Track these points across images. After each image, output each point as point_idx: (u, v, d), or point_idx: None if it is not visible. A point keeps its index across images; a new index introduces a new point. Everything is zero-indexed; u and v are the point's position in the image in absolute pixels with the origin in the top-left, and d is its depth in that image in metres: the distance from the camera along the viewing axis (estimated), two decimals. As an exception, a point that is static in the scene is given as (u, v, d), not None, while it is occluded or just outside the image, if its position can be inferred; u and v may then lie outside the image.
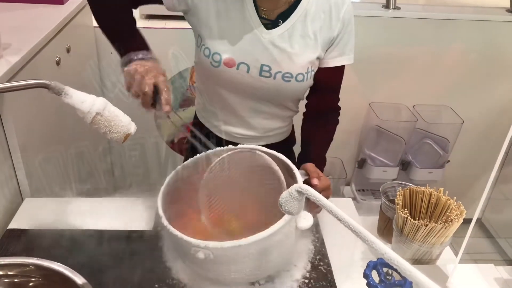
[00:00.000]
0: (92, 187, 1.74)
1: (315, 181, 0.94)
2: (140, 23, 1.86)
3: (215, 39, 1.02)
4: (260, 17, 1.01)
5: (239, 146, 0.99)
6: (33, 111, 1.20)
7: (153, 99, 0.89)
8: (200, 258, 0.77)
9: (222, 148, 1.00)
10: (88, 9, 1.69)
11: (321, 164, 1.12)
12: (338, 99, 1.17)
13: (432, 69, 2.03)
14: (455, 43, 1.98)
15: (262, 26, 1.01)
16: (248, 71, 1.03)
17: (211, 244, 0.76)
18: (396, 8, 1.95)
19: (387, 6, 1.95)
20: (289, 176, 0.89)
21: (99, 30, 1.78)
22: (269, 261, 0.83)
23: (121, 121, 0.80)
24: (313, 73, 1.08)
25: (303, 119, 1.19)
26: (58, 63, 1.35)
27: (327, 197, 0.94)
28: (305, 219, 0.80)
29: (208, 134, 1.19)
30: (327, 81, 1.11)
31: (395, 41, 1.96)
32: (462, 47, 1.99)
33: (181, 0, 1.01)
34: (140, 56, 0.93)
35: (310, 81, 1.08)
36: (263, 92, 1.07)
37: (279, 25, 1.02)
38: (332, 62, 1.08)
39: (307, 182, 0.94)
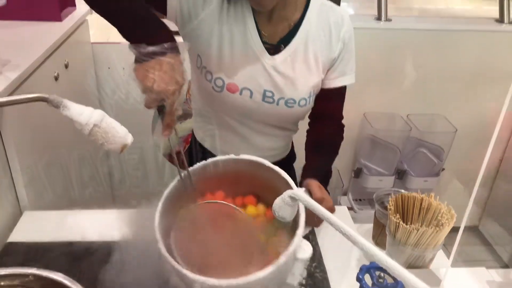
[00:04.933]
0: (91, 199, 1.75)
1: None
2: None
3: (217, 63, 0.99)
4: (262, 42, 0.99)
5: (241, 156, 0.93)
6: (32, 125, 1.21)
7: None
8: None
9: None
10: (86, 25, 1.73)
11: (325, 176, 1.11)
12: (342, 117, 1.15)
13: (425, 78, 2.06)
14: (446, 53, 2.01)
15: (265, 51, 0.99)
16: (251, 97, 1.01)
17: (217, 282, 0.69)
18: (388, 20, 1.99)
19: (379, 18, 1.99)
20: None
21: (96, 46, 1.83)
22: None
23: (118, 132, 0.81)
24: (314, 96, 1.07)
25: (307, 136, 1.16)
26: (56, 78, 1.37)
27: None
28: (305, 250, 0.77)
29: (207, 154, 1.17)
30: (328, 102, 1.10)
31: (388, 52, 1.99)
32: (453, 57, 2.03)
33: (186, 16, 0.98)
34: (153, 50, 0.75)
35: (311, 104, 1.07)
36: (265, 117, 1.06)
37: (281, 50, 1.00)
38: (334, 82, 1.07)
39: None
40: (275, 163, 1.13)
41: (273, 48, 1.00)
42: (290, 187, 0.82)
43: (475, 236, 2.44)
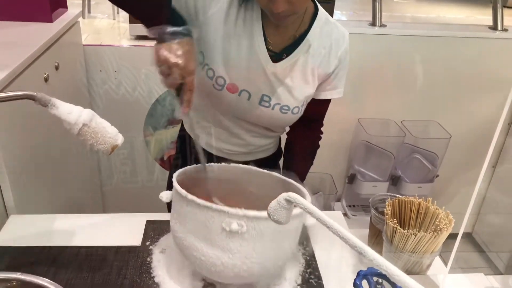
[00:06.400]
0: (80, 197, 1.72)
1: None
2: (130, 43, 1.88)
3: (221, 63, 1.01)
4: (267, 49, 1.02)
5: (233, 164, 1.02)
6: (19, 126, 1.19)
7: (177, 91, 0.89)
8: (233, 230, 0.76)
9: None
10: (77, 27, 1.70)
11: (299, 177, 1.13)
12: (322, 125, 1.21)
13: (419, 84, 2.06)
14: (440, 60, 2.02)
15: (269, 58, 1.02)
16: (249, 99, 1.05)
17: (250, 212, 0.76)
18: (382, 25, 1.99)
19: (373, 23, 1.99)
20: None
21: (88, 48, 1.81)
22: (283, 249, 0.84)
23: (108, 132, 0.80)
24: (306, 105, 1.11)
25: (287, 138, 1.23)
26: (46, 79, 1.35)
27: None
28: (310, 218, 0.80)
29: (195, 148, 1.19)
30: (313, 111, 1.14)
31: (382, 57, 1.99)
32: (447, 63, 2.03)
33: (192, 11, 0.98)
34: (176, 30, 0.84)
35: (302, 112, 1.11)
36: (258, 119, 1.09)
37: (283, 58, 1.03)
38: (324, 95, 1.12)
39: None
40: (263, 159, 1.21)
41: (276, 56, 1.03)
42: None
43: (469, 242, 2.44)
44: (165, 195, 0.91)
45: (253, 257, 0.80)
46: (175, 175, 0.88)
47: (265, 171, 1.01)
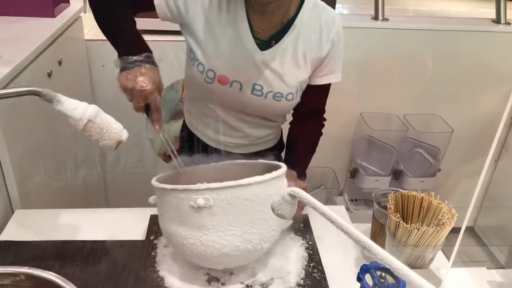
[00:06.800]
0: (84, 197, 1.73)
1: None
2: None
3: (209, 56, 1.03)
4: (254, 38, 1.02)
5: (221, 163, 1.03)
6: (23, 121, 1.19)
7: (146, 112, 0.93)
8: (200, 205, 0.77)
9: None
10: (80, 22, 1.70)
11: (302, 168, 1.16)
12: (324, 111, 1.20)
13: (421, 79, 2.06)
14: (443, 53, 2.01)
15: (256, 47, 1.02)
16: (240, 89, 1.05)
17: (212, 184, 0.78)
18: (385, 19, 1.98)
19: (376, 17, 1.99)
20: None
21: (90, 43, 1.81)
22: (262, 218, 0.83)
23: (113, 128, 0.80)
24: (301, 91, 1.10)
25: (289, 128, 1.23)
26: (49, 75, 1.35)
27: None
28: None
29: (198, 142, 1.20)
30: (313, 98, 1.14)
31: (385, 51, 1.99)
32: (450, 57, 2.02)
33: (175, 11, 1.01)
34: (135, 59, 0.91)
35: (298, 99, 1.11)
36: (253, 109, 1.09)
37: (272, 46, 1.03)
38: (321, 80, 1.11)
39: None
40: (263, 152, 1.21)
41: (264, 44, 1.03)
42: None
43: (471, 236, 2.44)
44: (153, 200, 0.93)
45: (228, 229, 0.81)
46: (154, 179, 0.91)
47: (248, 161, 1.01)
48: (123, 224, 1.06)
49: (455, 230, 0.89)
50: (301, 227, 1.08)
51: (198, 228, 0.82)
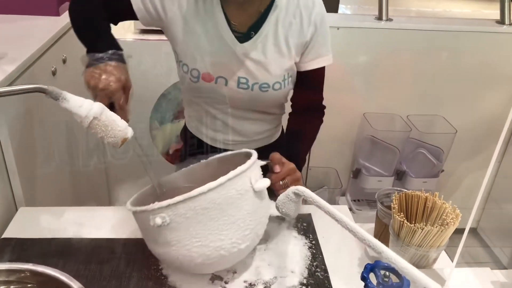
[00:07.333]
0: (87, 195, 1.73)
1: (276, 168, 0.95)
2: (135, 37, 1.88)
3: (191, 55, 1.03)
4: (232, 31, 1.02)
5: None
6: (28, 119, 1.19)
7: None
8: (159, 224, 0.75)
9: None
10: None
11: (300, 160, 1.14)
12: (322, 98, 1.17)
13: (425, 79, 2.05)
14: (447, 54, 2.01)
15: (236, 40, 1.02)
16: (226, 84, 1.05)
17: (164, 203, 0.75)
18: (389, 19, 1.98)
19: (379, 18, 1.99)
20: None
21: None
22: (232, 224, 0.79)
23: (118, 125, 0.80)
24: (290, 79, 1.09)
25: (288, 118, 1.21)
26: (54, 73, 1.35)
27: (295, 181, 0.96)
28: (261, 181, 0.78)
29: (198, 142, 1.20)
30: (307, 83, 1.12)
31: (388, 52, 1.99)
32: (454, 57, 2.02)
33: (154, 15, 1.02)
34: (101, 55, 0.88)
35: (288, 87, 1.09)
36: (243, 102, 1.09)
37: (252, 37, 1.03)
38: (310, 65, 1.09)
39: (270, 167, 0.96)
40: (263, 148, 1.19)
41: (244, 36, 1.03)
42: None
43: (473, 237, 2.44)
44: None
45: (193, 241, 0.79)
46: (128, 202, 0.87)
47: (226, 153, 0.99)
48: (126, 222, 1.06)
49: (458, 231, 0.89)
50: (304, 226, 1.08)
51: (167, 245, 0.81)
